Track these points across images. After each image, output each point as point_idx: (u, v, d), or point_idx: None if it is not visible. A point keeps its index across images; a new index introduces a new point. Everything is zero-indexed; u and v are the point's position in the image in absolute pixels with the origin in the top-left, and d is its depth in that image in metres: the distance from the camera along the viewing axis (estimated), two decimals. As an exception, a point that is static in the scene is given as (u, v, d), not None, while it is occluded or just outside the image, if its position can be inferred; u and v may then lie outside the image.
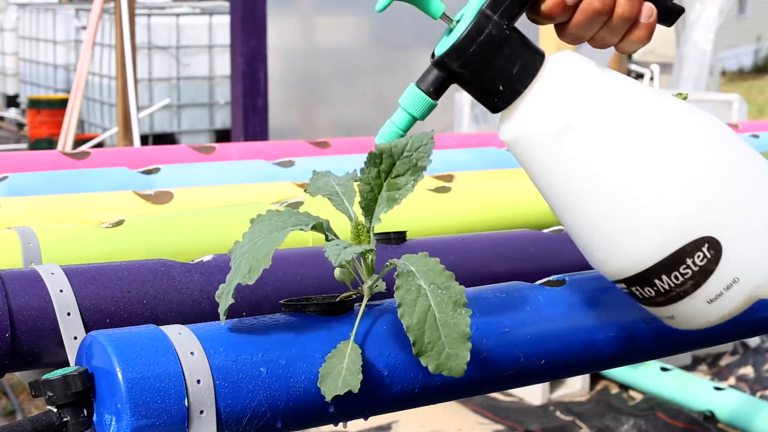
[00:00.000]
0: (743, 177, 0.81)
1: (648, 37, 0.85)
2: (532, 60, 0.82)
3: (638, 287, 0.82)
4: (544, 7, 0.82)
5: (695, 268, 0.80)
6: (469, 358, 0.75)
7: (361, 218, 0.84)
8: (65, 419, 0.74)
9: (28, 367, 0.90)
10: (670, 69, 7.35)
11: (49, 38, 8.71)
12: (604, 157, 0.80)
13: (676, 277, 0.80)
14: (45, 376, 0.74)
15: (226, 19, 5.75)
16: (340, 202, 0.85)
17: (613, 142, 0.80)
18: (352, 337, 0.79)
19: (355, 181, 0.85)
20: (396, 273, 0.77)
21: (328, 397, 0.76)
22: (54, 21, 8.66)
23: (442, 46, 0.83)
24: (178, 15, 7.97)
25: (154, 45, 7.80)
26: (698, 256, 0.79)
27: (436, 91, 0.83)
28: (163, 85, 7.88)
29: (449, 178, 1.55)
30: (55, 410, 0.74)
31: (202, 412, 0.73)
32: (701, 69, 6.26)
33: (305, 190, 0.86)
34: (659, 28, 0.87)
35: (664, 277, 0.80)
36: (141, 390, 0.71)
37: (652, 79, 7.96)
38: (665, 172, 0.79)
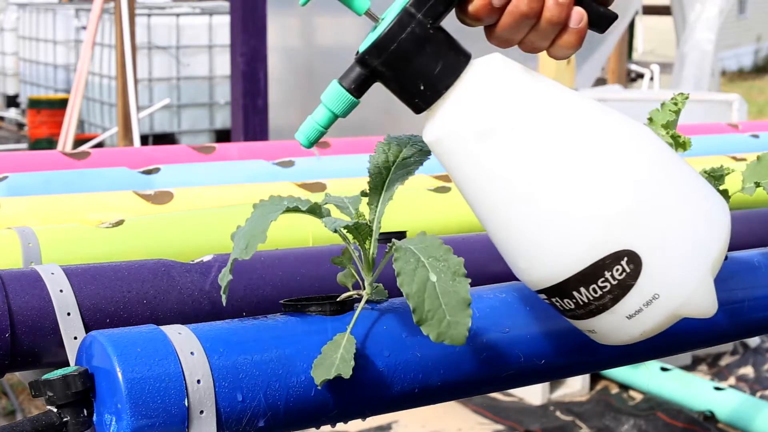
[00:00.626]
0: (668, 191, 0.78)
1: (578, 43, 0.82)
2: (456, 61, 0.80)
3: (558, 299, 0.80)
4: (471, 8, 0.80)
5: (614, 282, 0.77)
6: (470, 325, 0.74)
7: (364, 208, 0.85)
8: (65, 419, 0.74)
9: (28, 367, 0.90)
10: (670, 69, 7.35)
11: (49, 38, 8.71)
12: (526, 164, 0.77)
13: (595, 291, 0.78)
14: (45, 376, 0.74)
15: (226, 19, 5.75)
16: (345, 207, 0.86)
17: (535, 149, 0.77)
18: (349, 329, 0.79)
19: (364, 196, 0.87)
20: (394, 248, 0.77)
21: (318, 382, 0.76)
22: (54, 21, 8.66)
23: (365, 43, 0.81)
24: (178, 15, 7.97)
25: (154, 45, 7.80)
26: (617, 270, 0.77)
27: (357, 88, 0.81)
28: (163, 85, 7.88)
29: (449, 178, 1.55)
30: (55, 410, 0.74)
31: (202, 412, 0.73)
32: (702, 69, 6.25)
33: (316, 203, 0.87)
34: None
35: (582, 290, 0.78)
36: (141, 390, 0.71)
37: (652, 79, 7.96)
38: (586, 182, 0.76)
